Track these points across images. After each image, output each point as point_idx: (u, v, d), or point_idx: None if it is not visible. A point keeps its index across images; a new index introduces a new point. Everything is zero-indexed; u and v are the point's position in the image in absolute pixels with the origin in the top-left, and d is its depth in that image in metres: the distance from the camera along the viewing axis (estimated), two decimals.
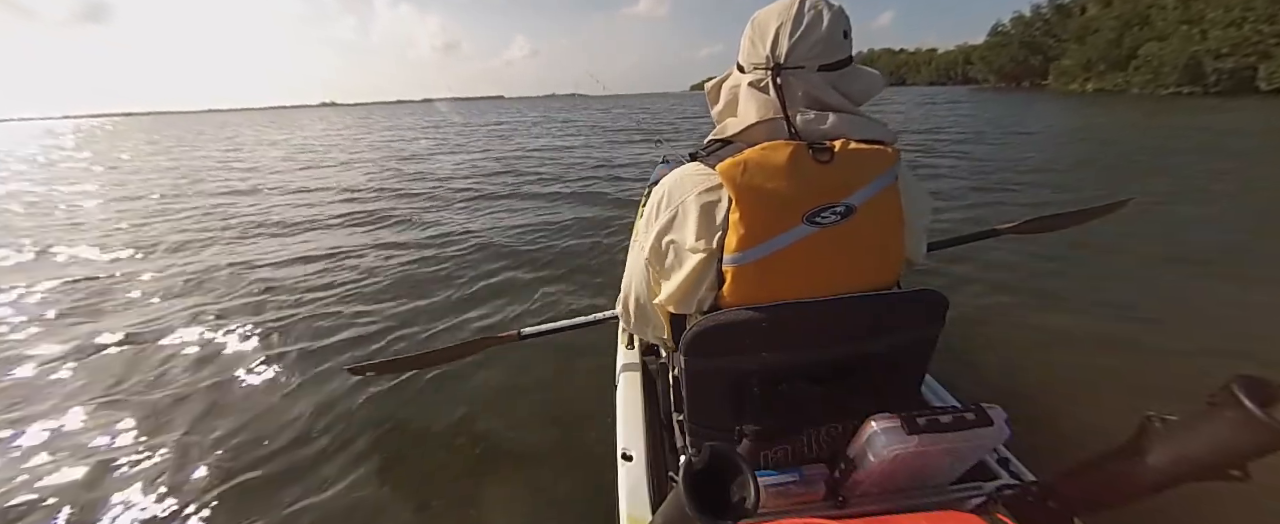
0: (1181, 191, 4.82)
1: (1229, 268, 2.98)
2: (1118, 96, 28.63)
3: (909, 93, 50.44)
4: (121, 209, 5.98)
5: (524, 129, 18.55)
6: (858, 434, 0.72)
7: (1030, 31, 51.86)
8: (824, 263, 0.73)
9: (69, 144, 21.39)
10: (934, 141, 9.74)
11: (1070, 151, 8.14)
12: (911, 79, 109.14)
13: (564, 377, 2.06)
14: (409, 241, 4.23)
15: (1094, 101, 23.46)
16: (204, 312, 2.83)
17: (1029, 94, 35.22)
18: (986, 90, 47.59)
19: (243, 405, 1.97)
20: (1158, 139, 9.15)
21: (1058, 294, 2.75)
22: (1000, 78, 55.89)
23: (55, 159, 13.68)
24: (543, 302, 2.91)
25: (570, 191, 6.23)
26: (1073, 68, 39.96)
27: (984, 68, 60.07)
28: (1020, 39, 52.65)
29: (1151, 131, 10.49)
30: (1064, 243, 3.23)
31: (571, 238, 4.17)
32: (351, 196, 6.35)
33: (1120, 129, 11.28)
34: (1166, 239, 3.49)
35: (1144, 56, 31.69)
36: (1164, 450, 0.54)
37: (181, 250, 4.09)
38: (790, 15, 0.73)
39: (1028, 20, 52.61)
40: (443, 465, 1.67)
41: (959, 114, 16.90)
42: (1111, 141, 9.13)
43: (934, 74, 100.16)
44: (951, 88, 71.71)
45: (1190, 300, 2.62)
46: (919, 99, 30.94)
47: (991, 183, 5.82)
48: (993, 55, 57.36)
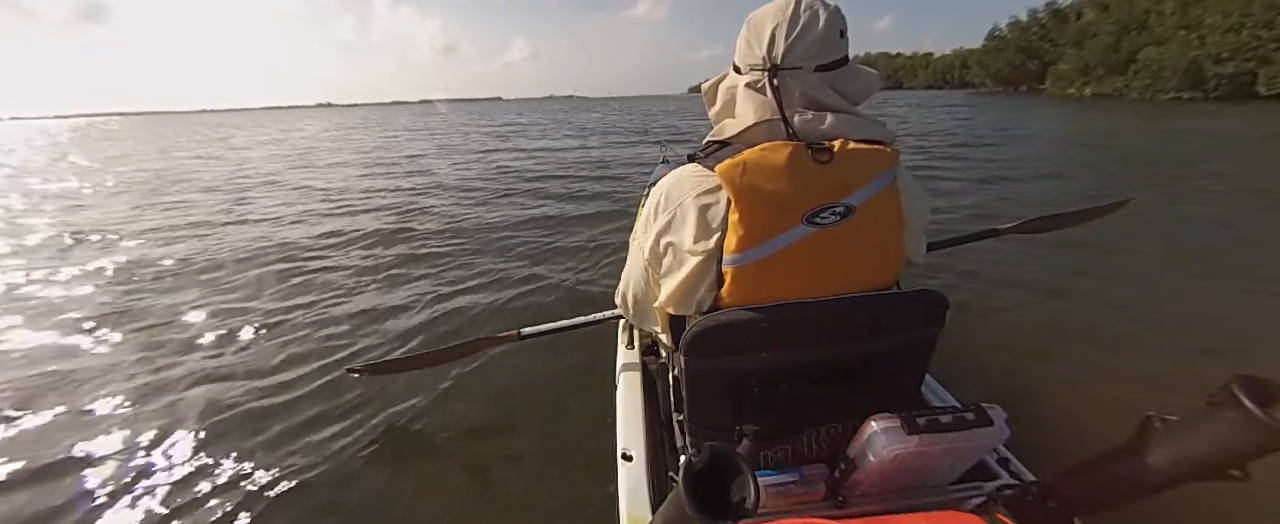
0: (1183, 193, 4.83)
1: (1229, 268, 2.98)
2: (1116, 101, 28.48)
3: (907, 96, 50.35)
4: (112, 204, 5.98)
5: (522, 130, 18.57)
6: (858, 434, 0.72)
7: (1027, 36, 51.99)
8: (824, 263, 0.73)
9: (66, 141, 21.38)
10: (934, 144, 9.73)
11: (1072, 154, 8.15)
12: (908, 83, 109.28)
13: (564, 377, 2.06)
14: (408, 242, 4.23)
15: (1092, 106, 23.33)
16: (203, 312, 2.83)
17: (1026, 98, 35.04)
18: (984, 94, 47.36)
19: (241, 406, 1.96)
20: (1159, 143, 9.13)
21: (1058, 294, 2.75)
22: (997, 82, 55.87)
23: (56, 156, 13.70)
24: (543, 301, 2.91)
25: (571, 191, 6.23)
26: (1070, 72, 39.78)
27: (981, 72, 60.15)
28: (1017, 44, 52.78)
29: (1152, 135, 10.48)
30: (1064, 243, 3.24)
31: (572, 238, 4.18)
32: (349, 196, 6.35)
33: (1122, 133, 11.27)
34: (1167, 239, 3.50)
35: (1143, 61, 31.34)
36: (1164, 450, 0.54)
37: (178, 248, 4.10)
38: (786, 16, 0.73)
39: (1024, 25, 52.78)
40: (443, 466, 1.67)
41: (958, 118, 16.82)
42: (1112, 145, 9.09)
43: (931, 78, 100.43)
44: (948, 92, 71.65)
45: (1190, 300, 2.62)
46: (916, 102, 30.87)
47: (992, 189, 5.77)
48: (990, 60, 57.41)
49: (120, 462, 1.69)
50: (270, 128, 29.90)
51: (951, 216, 4.47)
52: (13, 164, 12.38)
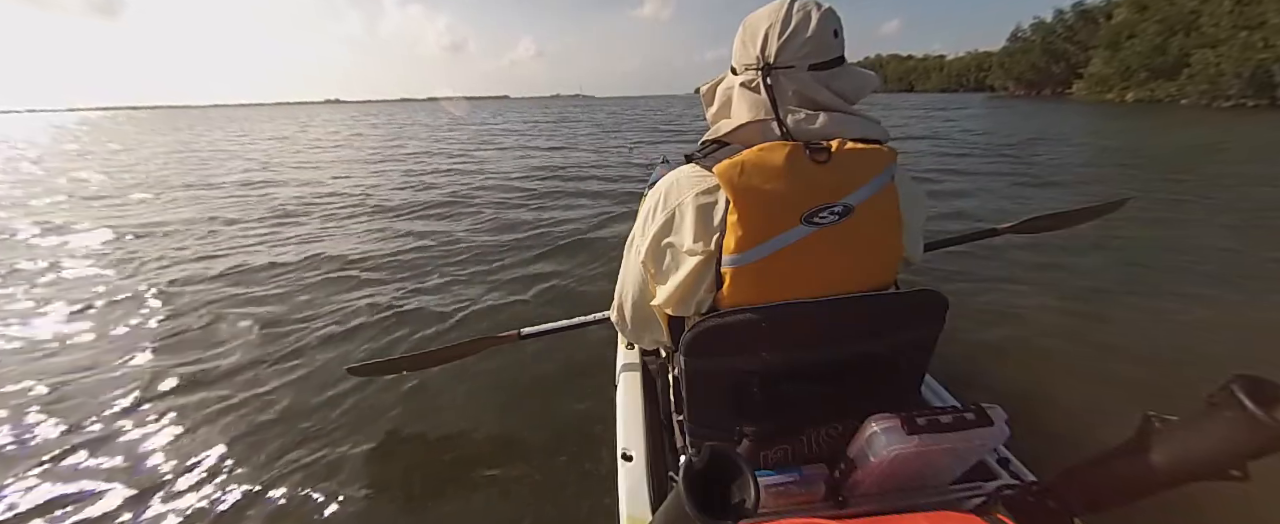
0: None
1: (1230, 267, 2.98)
2: (1167, 107, 25.43)
3: (921, 99, 48.30)
4: (120, 200, 5.97)
5: (528, 129, 18.57)
6: (858, 434, 0.72)
7: (1052, 38, 49.50)
8: (823, 263, 0.73)
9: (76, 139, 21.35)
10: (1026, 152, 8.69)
11: (1147, 174, 6.46)
12: (920, 86, 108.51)
13: (564, 376, 2.06)
14: (406, 241, 4.23)
15: (1138, 112, 20.91)
16: (201, 311, 2.83)
17: (1056, 103, 32.94)
18: (1005, 98, 44.89)
19: (240, 405, 1.96)
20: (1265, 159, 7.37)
21: (1058, 294, 2.75)
22: (1020, 85, 53.53)
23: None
24: (543, 301, 2.92)
25: (571, 191, 6.23)
26: (1110, 75, 36.31)
27: (1003, 75, 57.73)
28: (1042, 46, 50.23)
29: (1234, 151, 8.53)
30: (1065, 242, 3.24)
31: (572, 237, 4.18)
32: (347, 195, 6.35)
33: (1202, 148, 9.08)
34: (1167, 239, 3.50)
35: (1198, 65, 27.73)
36: (1164, 450, 0.54)
37: (173, 241, 4.10)
38: (779, 16, 0.75)
39: (1049, 26, 50.41)
40: (442, 465, 1.67)
41: (985, 124, 15.49)
42: (1199, 160, 7.51)
43: (945, 81, 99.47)
44: (964, 95, 68.74)
45: (1191, 300, 2.62)
46: (932, 105, 29.48)
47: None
48: (1013, 62, 54.85)
49: (112, 459, 1.68)
50: (287, 122, 29.48)
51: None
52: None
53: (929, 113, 22.44)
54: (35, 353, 2.41)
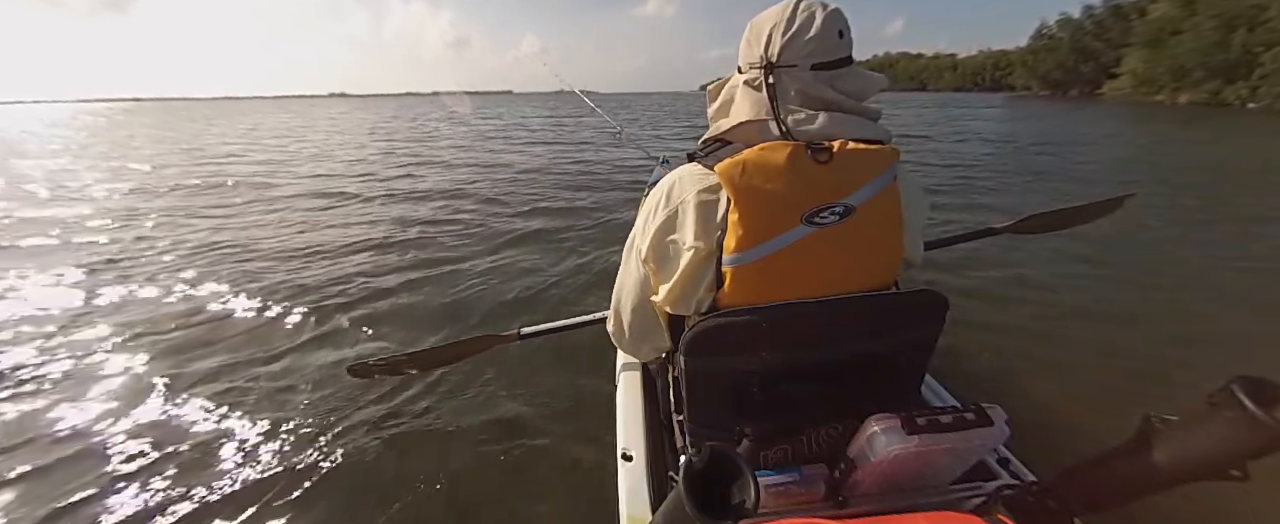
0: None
1: (1231, 268, 2.98)
2: (1232, 112, 22.26)
3: (935, 99, 44.41)
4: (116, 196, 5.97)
5: (537, 122, 18.54)
6: (858, 434, 0.72)
7: (1082, 35, 45.94)
8: (823, 263, 0.73)
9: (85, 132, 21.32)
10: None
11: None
12: (933, 85, 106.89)
13: (564, 376, 2.06)
14: (405, 240, 4.22)
15: (1204, 118, 17.72)
16: (202, 307, 2.83)
17: (1090, 105, 29.07)
18: (1029, 99, 41.07)
19: (238, 405, 1.96)
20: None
21: (1058, 293, 2.75)
22: (1045, 85, 49.49)
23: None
24: (543, 301, 2.91)
25: (571, 190, 6.22)
26: (1160, 75, 32.54)
27: (1026, 74, 53.25)
28: (1071, 43, 46.61)
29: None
30: (1065, 242, 3.23)
31: (572, 236, 4.18)
32: (350, 193, 6.33)
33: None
34: (1168, 239, 3.50)
35: (1271, 64, 24.70)
36: (1164, 450, 0.54)
37: (170, 238, 4.09)
38: (784, 15, 0.76)
39: (1078, 23, 46.93)
40: (441, 465, 1.67)
41: (1033, 129, 13.67)
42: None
43: (959, 80, 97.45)
44: (981, 94, 63.05)
45: (1192, 300, 2.62)
46: (954, 106, 26.37)
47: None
48: (1038, 61, 50.94)
49: (111, 457, 1.68)
50: (293, 119, 29.25)
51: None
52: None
53: (974, 112, 19.44)
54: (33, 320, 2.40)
